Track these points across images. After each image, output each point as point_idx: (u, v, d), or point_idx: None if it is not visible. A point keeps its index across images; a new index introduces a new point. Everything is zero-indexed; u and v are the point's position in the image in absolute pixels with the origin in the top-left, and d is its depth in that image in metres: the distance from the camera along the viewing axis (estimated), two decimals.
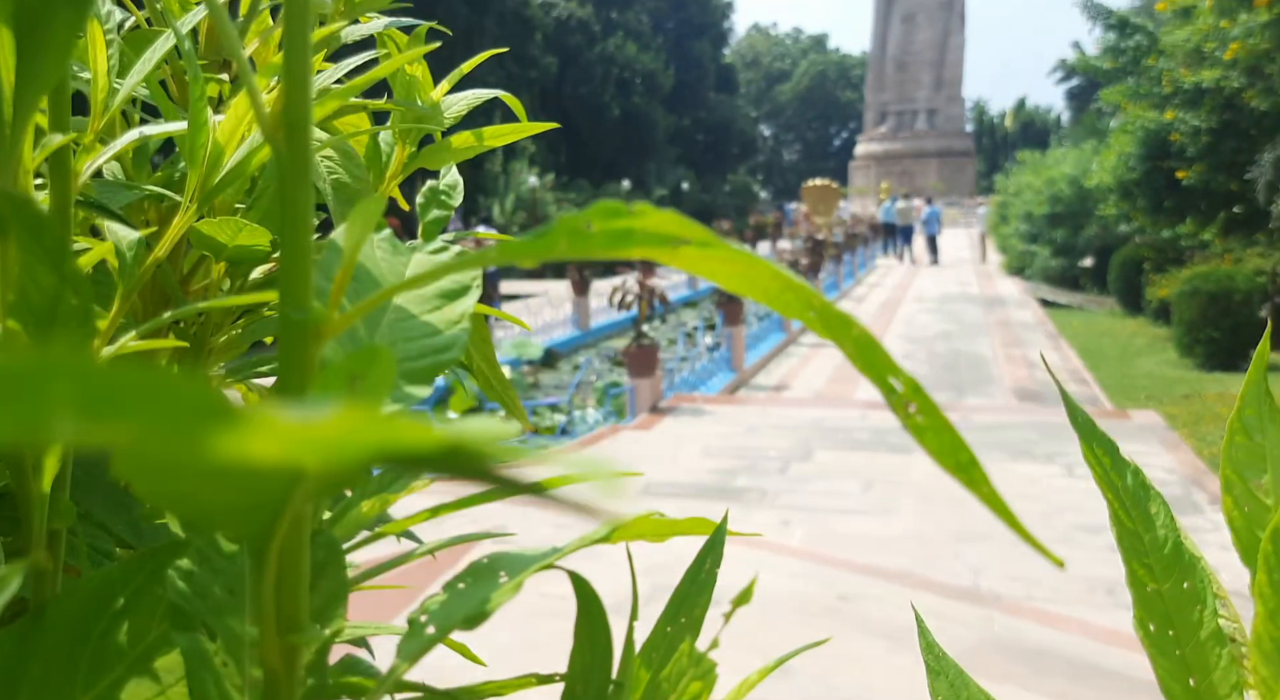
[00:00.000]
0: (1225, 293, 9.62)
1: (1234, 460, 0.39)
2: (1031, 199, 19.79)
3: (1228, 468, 0.39)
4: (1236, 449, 0.39)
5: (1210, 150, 11.27)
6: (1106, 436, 0.42)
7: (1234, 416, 0.40)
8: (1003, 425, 7.23)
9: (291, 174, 0.22)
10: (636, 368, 7.79)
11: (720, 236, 0.22)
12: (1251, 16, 7.30)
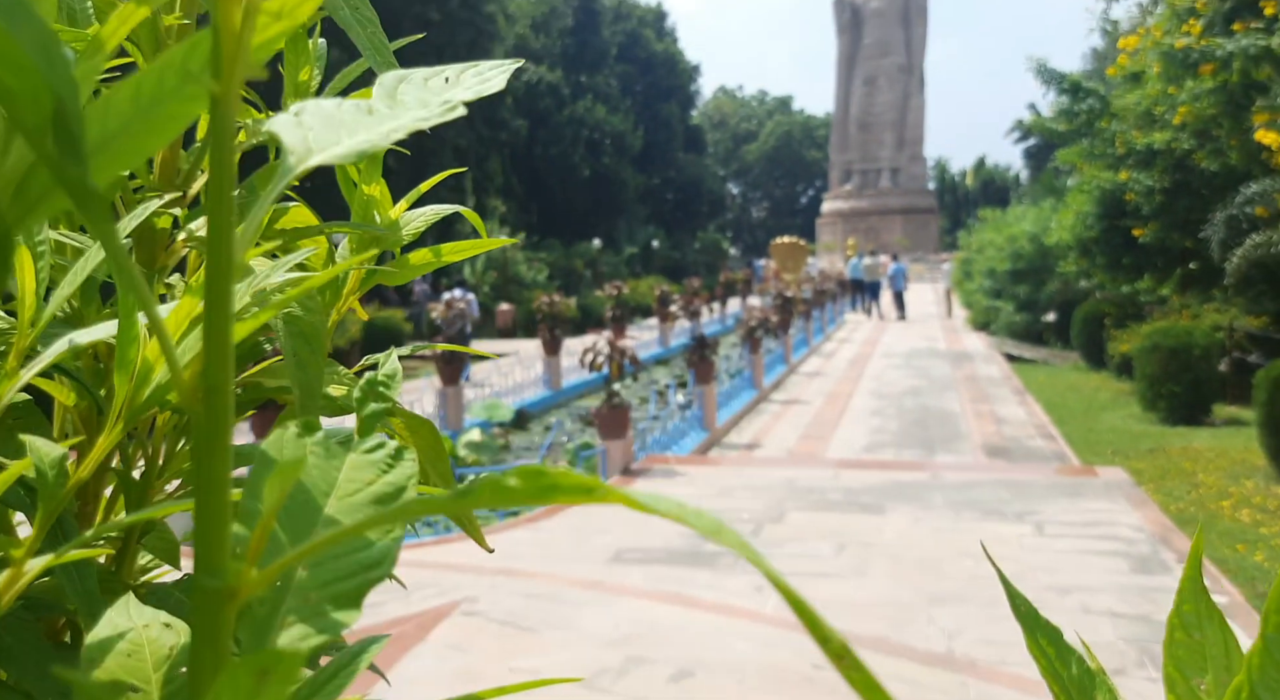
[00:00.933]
0: (1185, 348, 9.81)
1: (1175, 658, 0.39)
2: (994, 255, 20.19)
3: (1169, 665, 0.39)
4: (1176, 646, 0.39)
5: (1164, 209, 11.60)
6: (1050, 625, 0.42)
7: (1173, 613, 0.41)
8: (973, 484, 7.26)
9: (208, 440, 0.22)
10: (608, 429, 7.76)
11: (614, 487, 0.23)
12: (1197, 83, 7.59)
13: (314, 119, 0.28)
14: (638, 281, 29.69)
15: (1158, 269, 12.37)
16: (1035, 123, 15.31)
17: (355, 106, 0.30)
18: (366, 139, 0.28)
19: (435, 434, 0.76)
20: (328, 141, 0.28)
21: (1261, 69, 6.94)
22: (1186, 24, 7.66)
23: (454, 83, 0.35)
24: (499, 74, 0.37)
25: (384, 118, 0.30)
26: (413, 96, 0.33)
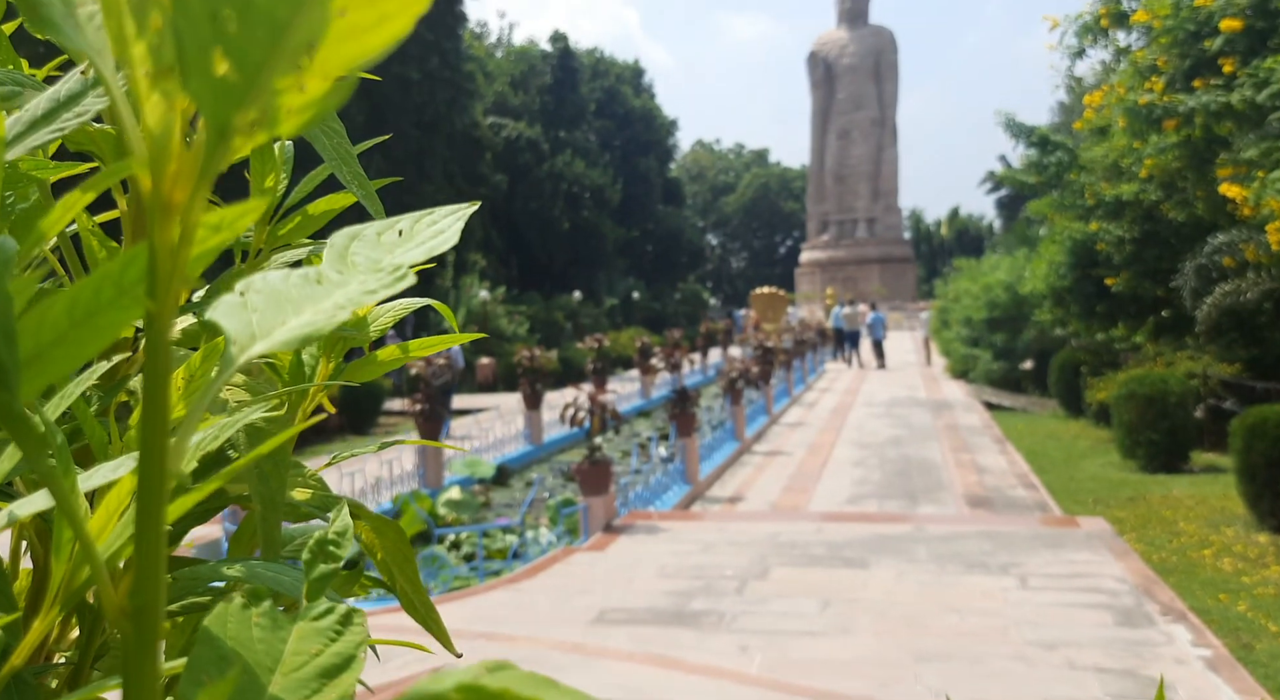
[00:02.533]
0: (1161, 396, 9.90)
1: None
2: (970, 304, 20.43)
3: None
4: None
5: (1135, 258, 11.81)
6: None
7: None
8: (957, 535, 7.24)
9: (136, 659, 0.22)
10: (589, 486, 7.70)
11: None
12: (1161, 138, 7.80)
13: (260, 298, 0.28)
14: (618, 333, 29.75)
15: (1131, 317, 12.55)
16: (1006, 175, 15.62)
17: (304, 277, 0.30)
18: (311, 321, 0.28)
19: (402, 537, 0.75)
20: (273, 324, 0.28)
21: (1223, 124, 7.14)
22: (1149, 81, 7.89)
23: (408, 236, 0.36)
24: (454, 223, 0.38)
25: (333, 288, 0.30)
26: (364, 257, 0.33)
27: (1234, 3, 7.12)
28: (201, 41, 0.20)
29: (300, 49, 0.20)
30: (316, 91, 0.21)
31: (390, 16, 0.21)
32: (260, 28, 0.20)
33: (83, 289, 0.23)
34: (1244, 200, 6.72)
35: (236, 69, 0.20)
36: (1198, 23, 7.45)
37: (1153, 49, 8.02)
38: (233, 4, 0.20)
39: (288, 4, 0.20)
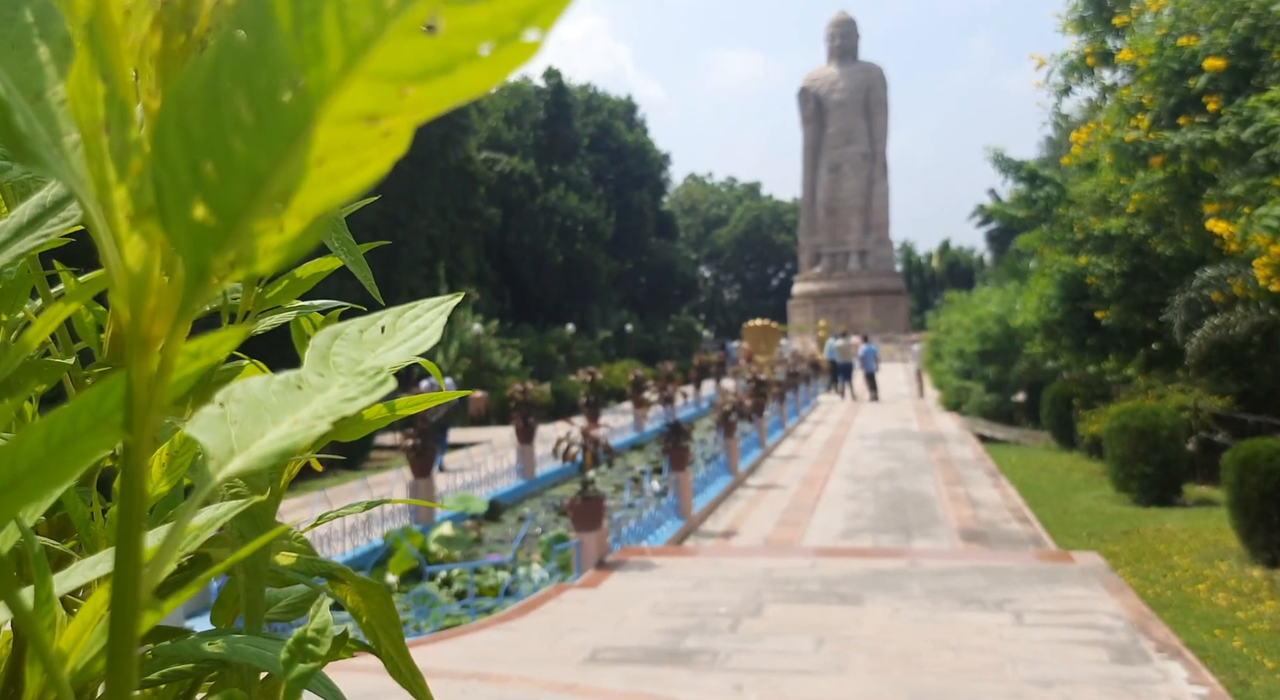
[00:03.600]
0: (1152, 429, 9.92)
1: None
2: (962, 337, 20.50)
3: None
4: None
5: (1124, 292, 11.88)
6: None
7: None
8: (951, 571, 7.20)
9: None
10: (582, 521, 7.65)
11: None
12: (1148, 174, 7.89)
13: (239, 409, 0.29)
14: (612, 366, 29.74)
15: (1121, 350, 12.60)
16: (995, 208, 15.76)
17: (284, 383, 0.31)
18: (289, 434, 0.28)
19: (387, 599, 0.75)
20: (252, 436, 0.28)
21: (1209, 161, 7.23)
22: (1135, 118, 8.01)
23: (390, 333, 0.36)
24: (437, 317, 0.38)
25: (313, 394, 0.30)
26: (345, 358, 0.34)
27: (1217, 42, 7.24)
28: (181, 189, 0.20)
29: (279, 196, 0.21)
30: (294, 231, 0.22)
31: (367, 162, 0.21)
32: (239, 178, 0.20)
33: (60, 417, 0.23)
34: (1231, 236, 6.79)
35: (215, 215, 0.21)
36: (1182, 62, 7.58)
37: (1138, 87, 8.15)
38: (212, 155, 0.20)
39: (267, 156, 0.20)
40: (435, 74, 0.20)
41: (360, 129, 0.20)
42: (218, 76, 0.20)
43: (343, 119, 0.20)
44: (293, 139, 0.20)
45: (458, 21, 0.19)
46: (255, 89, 0.20)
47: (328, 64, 0.19)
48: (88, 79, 0.21)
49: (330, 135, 0.20)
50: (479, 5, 0.19)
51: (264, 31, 0.19)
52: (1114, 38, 9.32)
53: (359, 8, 0.19)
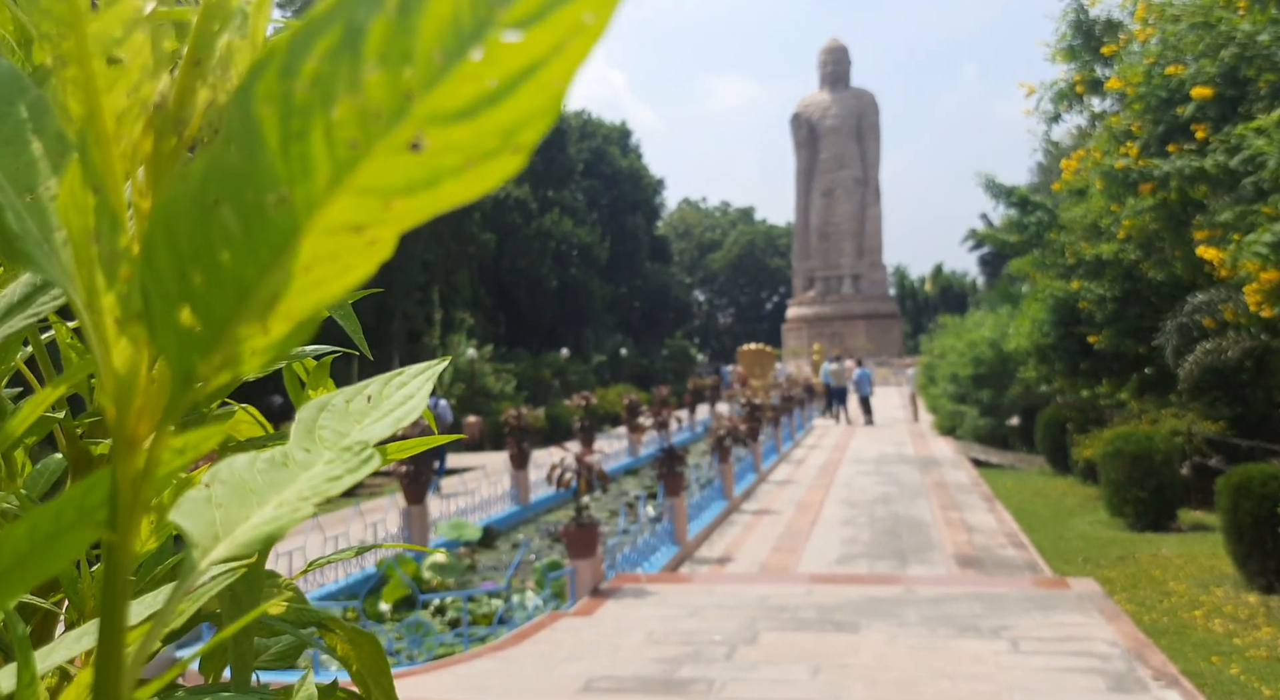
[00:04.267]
0: (1146, 454, 9.92)
1: None
2: (956, 361, 20.55)
3: None
4: None
5: (1116, 316, 11.94)
6: None
7: None
8: (947, 597, 7.17)
9: None
10: (576, 548, 7.61)
11: None
12: (1138, 201, 7.96)
13: (225, 490, 0.29)
14: (606, 390, 29.73)
15: (1115, 374, 12.64)
16: (987, 233, 15.87)
17: (270, 462, 0.31)
18: (274, 517, 0.28)
19: (377, 647, 0.75)
20: (237, 519, 0.28)
21: (1198, 188, 7.30)
22: (1124, 146, 8.09)
23: (377, 402, 0.36)
24: (423, 384, 0.38)
25: (298, 472, 0.31)
26: (331, 431, 0.34)
27: (1204, 71, 7.33)
28: (168, 297, 0.21)
29: (265, 303, 0.21)
30: (280, 333, 0.22)
31: (353, 267, 0.21)
32: (226, 287, 0.21)
33: (45, 513, 0.23)
34: (1221, 262, 6.84)
35: (202, 322, 0.21)
36: (1170, 90, 7.67)
37: (1127, 115, 8.24)
38: (199, 264, 0.20)
39: (254, 267, 0.20)
40: (420, 188, 0.20)
41: (346, 238, 0.21)
42: (206, 190, 0.20)
43: (329, 230, 0.20)
44: (279, 251, 0.20)
45: (442, 139, 0.20)
46: (243, 203, 0.20)
47: (315, 180, 0.20)
48: (79, 190, 0.21)
49: (316, 245, 0.20)
50: (463, 124, 0.19)
51: (252, 148, 0.20)
52: (1102, 66, 9.43)
53: (346, 128, 0.19)
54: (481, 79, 0.19)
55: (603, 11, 0.19)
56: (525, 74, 0.19)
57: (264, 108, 0.19)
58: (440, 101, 0.19)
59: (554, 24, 0.18)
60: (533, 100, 0.19)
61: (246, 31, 0.26)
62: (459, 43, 0.19)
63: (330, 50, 0.19)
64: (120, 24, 0.23)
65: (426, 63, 0.19)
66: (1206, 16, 7.27)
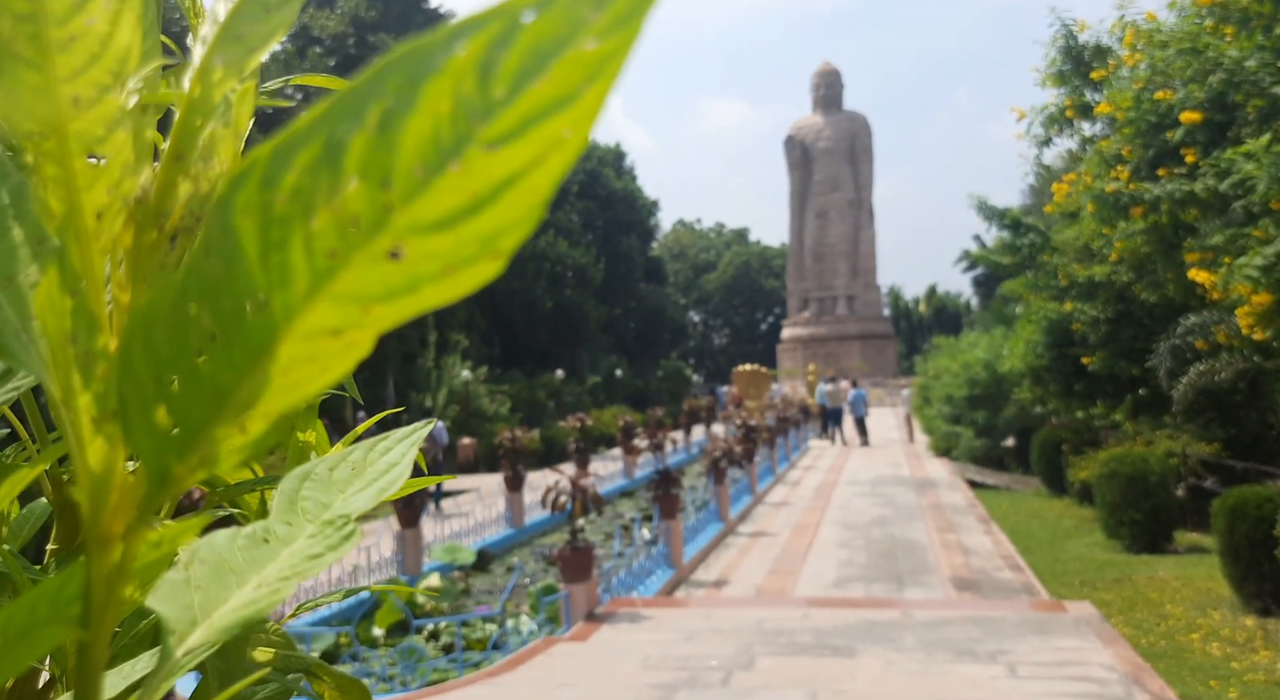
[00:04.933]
0: (1142, 475, 9.92)
1: None
2: (951, 382, 20.57)
3: None
4: None
5: (1110, 338, 11.97)
6: None
7: None
8: (944, 621, 7.14)
9: None
10: (571, 573, 7.57)
11: None
12: (1129, 224, 8.02)
13: (204, 571, 0.28)
14: (601, 411, 29.68)
15: (1109, 395, 12.66)
16: (980, 255, 15.92)
17: (250, 538, 0.30)
18: (253, 600, 0.28)
19: (365, 694, 0.74)
20: (216, 601, 0.28)
21: (1188, 211, 7.35)
22: (1114, 170, 8.15)
23: (360, 470, 0.36)
24: (407, 449, 0.38)
25: (279, 548, 0.30)
26: (313, 501, 0.33)
27: (1192, 96, 7.41)
28: (144, 399, 0.21)
29: (243, 405, 0.21)
30: (258, 432, 0.22)
31: (331, 368, 0.21)
32: (203, 391, 0.20)
33: (19, 608, 0.23)
34: (1213, 285, 6.88)
35: (179, 425, 0.21)
36: (1159, 114, 7.74)
37: (1117, 139, 8.31)
38: (176, 368, 0.20)
39: (231, 371, 0.20)
40: (399, 294, 0.20)
41: (324, 342, 0.20)
42: (184, 296, 0.20)
43: (307, 336, 0.20)
44: (257, 356, 0.20)
45: (422, 248, 0.20)
46: (221, 309, 0.20)
47: (293, 288, 0.20)
48: (56, 293, 0.21)
49: (294, 350, 0.20)
50: (443, 234, 0.19)
51: (231, 257, 0.19)
52: (1092, 91, 9.52)
53: (325, 238, 0.19)
54: (461, 191, 0.19)
55: (581, 126, 0.19)
56: (505, 185, 0.19)
57: (244, 218, 0.19)
58: (420, 213, 0.19)
59: (534, 139, 0.19)
60: (513, 210, 0.19)
61: (230, 120, 0.26)
62: (439, 158, 0.19)
63: (311, 164, 0.19)
64: (102, 123, 0.23)
65: (406, 177, 0.19)
66: (1194, 42, 7.35)
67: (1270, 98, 6.97)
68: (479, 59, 0.18)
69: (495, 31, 0.18)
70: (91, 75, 0.23)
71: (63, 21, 0.22)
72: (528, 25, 0.18)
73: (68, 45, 0.22)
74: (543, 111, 0.18)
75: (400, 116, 0.19)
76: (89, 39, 0.23)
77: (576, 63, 0.18)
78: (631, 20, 0.18)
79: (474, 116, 0.19)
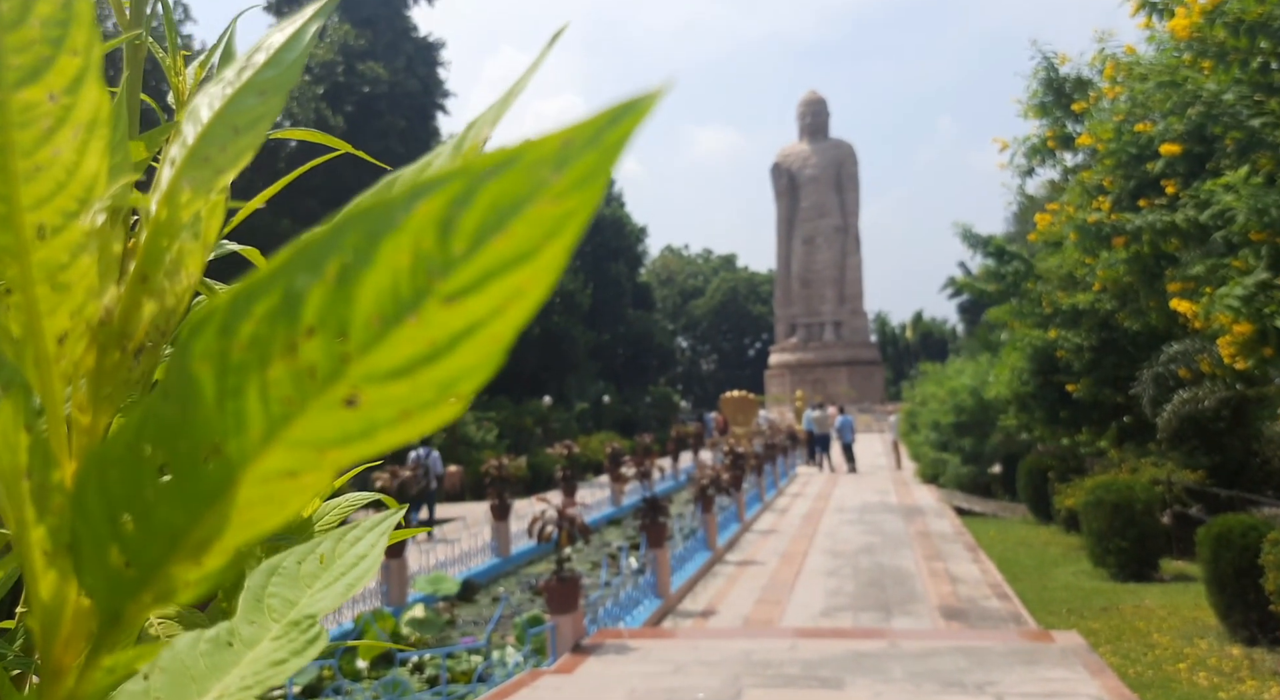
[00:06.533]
0: (1127, 503, 9.95)
1: None
2: (937, 408, 20.62)
3: None
4: None
5: (1094, 365, 12.05)
6: None
7: None
8: (932, 651, 7.11)
9: None
10: (557, 604, 7.50)
11: None
12: (1111, 254, 8.11)
13: (164, 680, 0.28)
14: (589, 438, 29.60)
15: (1094, 423, 12.72)
16: (965, 282, 16.05)
17: (213, 642, 0.30)
18: None
19: None
20: None
21: (1169, 242, 7.44)
22: (1096, 200, 8.25)
23: (329, 562, 0.36)
24: (377, 541, 0.38)
25: (243, 652, 0.30)
26: (280, 599, 0.33)
27: (1172, 128, 7.52)
28: (98, 539, 0.20)
29: (198, 545, 0.21)
30: (215, 566, 0.22)
31: (287, 505, 0.21)
32: (157, 533, 0.20)
33: None
34: (1194, 315, 6.95)
35: (132, 565, 0.21)
36: (1139, 146, 7.85)
37: (1099, 170, 8.42)
38: (131, 509, 0.20)
39: (187, 513, 0.20)
40: (355, 439, 0.20)
41: (281, 484, 0.20)
42: (140, 440, 0.20)
43: (263, 479, 0.20)
44: (213, 499, 0.20)
45: (379, 395, 0.20)
46: (177, 453, 0.20)
47: (249, 435, 0.19)
48: (11, 429, 0.21)
49: (250, 492, 0.20)
50: (400, 381, 0.19)
51: (188, 402, 0.19)
52: (1074, 122, 9.66)
53: (281, 386, 0.19)
54: (419, 341, 0.19)
55: (542, 280, 0.19)
56: (464, 335, 0.19)
57: (201, 365, 0.19)
58: (376, 362, 0.19)
59: (493, 292, 0.19)
60: (472, 357, 0.19)
61: (199, 232, 0.26)
62: (397, 310, 0.19)
63: (268, 313, 0.19)
64: (67, 250, 0.23)
65: (364, 329, 0.19)
66: (1173, 75, 7.48)
67: (1248, 130, 7.09)
68: (439, 217, 0.19)
69: (456, 190, 0.18)
70: (58, 203, 0.23)
71: (29, 153, 0.23)
72: (488, 185, 0.18)
73: (34, 175, 0.23)
74: (502, 266, 0.19)
75: (358, 271, 0.19)
76: (55, 168, 0.23)
77: (537, 220, 0.18)
78: (592, 181, 0.18)
79: (433, 271, 0.19)
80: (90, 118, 0.25)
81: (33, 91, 0.24)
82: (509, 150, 0.18)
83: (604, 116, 0.18)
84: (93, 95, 0.25)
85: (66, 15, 0.24)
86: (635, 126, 0.18)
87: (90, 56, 0.25)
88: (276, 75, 0.28)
